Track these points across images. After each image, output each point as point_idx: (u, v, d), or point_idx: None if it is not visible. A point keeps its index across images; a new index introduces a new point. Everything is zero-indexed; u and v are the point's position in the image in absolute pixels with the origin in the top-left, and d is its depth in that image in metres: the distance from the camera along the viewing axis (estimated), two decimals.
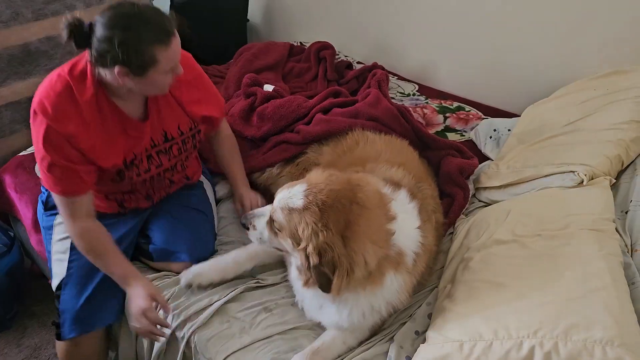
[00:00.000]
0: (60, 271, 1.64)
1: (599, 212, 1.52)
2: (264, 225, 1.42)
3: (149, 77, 1.39)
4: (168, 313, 1.57)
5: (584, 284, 1.27)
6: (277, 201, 1.35)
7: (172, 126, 1.65)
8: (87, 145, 1.45)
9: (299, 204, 1.29)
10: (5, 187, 2.18)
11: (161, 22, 1.36)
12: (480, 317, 1.29)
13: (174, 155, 1.69)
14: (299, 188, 1.32)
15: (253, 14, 3.57)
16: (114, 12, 1.33)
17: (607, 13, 2.16)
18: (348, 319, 1.40)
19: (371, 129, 1.92)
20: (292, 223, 1.30)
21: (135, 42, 1.32)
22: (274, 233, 1.39)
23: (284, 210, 1.32)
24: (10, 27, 2.30)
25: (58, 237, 1.69)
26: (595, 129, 1.87)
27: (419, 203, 1.50)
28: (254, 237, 1.47)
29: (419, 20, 2.79)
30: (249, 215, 1.48)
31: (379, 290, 1.36)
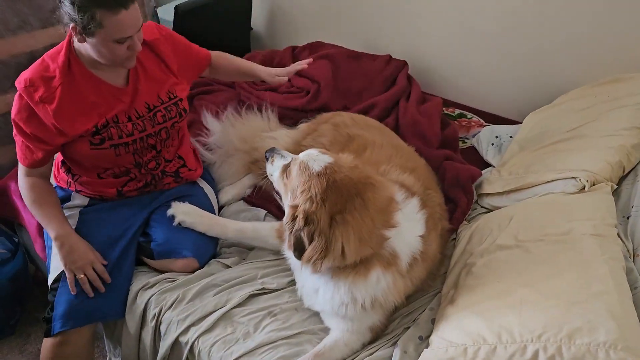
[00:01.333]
0: (59, 265, 1.65)
1: (601, 217, 1.53)
2: (280, 166, 1.52)
3: (100, 40, 1.49)
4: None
5: (586, 288, 1.28)
6: (303, 155, 1.45)
7: (152, 96, 1.73)
8: (55, 108, 1.56)
9: (316, 168, 1.37)
10: (11, 194, 2.20)
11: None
12: (484, 321, 1.30)
13: (158, 122, 1.74)
14: (325, 157, 1.40)
15: (256, 22, 3.60)
16: None
17: (607, 21, 2.18)
18: (330, 302, 1.45)
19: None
20: (299, 179, 1.39)
21: (82, 5, 1.43)
22: (282, 179, 1.49)
23: (302, 165, 1.40)
24: (17, 35, 2.32)
25: None
26: (597, 135, 1.88)
27: (427, 212, 1.55)
28: (268, 169, 1.58)
29: (420, 27, 2.81)
30: (275, 149, 1.58)
31: (361, 282, 1.40)
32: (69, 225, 1.69)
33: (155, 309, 1.63)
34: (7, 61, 2.33)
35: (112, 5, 1.44)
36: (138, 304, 1.67)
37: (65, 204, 1.80)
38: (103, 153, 1.66)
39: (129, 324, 1.68)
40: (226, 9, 3.22)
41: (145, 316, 1.65)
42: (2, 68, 2.33)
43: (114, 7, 1.44)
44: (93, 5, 1.43)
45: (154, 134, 1.74)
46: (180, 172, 1.89)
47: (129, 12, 1.48)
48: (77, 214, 1.77)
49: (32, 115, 1.57)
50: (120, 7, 1.45)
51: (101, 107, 1.63)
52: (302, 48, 2.92)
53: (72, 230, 1.68)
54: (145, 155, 1.76)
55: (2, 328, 2.24)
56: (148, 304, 1.65)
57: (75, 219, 1.75)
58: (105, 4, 1.43)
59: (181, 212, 1.77)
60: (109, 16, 1.44)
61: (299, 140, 1.99)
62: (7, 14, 2.26)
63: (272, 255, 1.79)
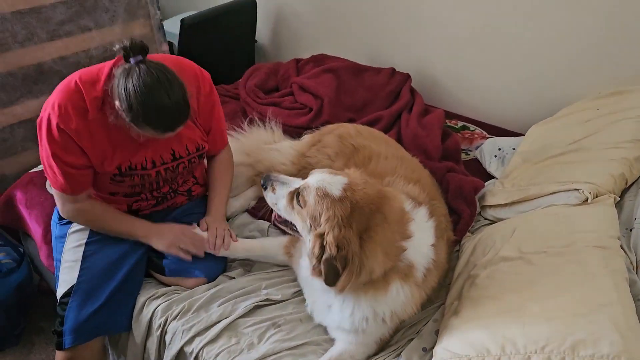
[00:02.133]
0: (70, 279, 1.66)
1: (604, 229, 1.54)
2: (285, 194, 1.46)
3: (134, 130, 1.48)
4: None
5: (590, 300, 1.29)
6: (316, 180, 1.38)
7: (181, 146, 1.71)
8: (87, 145, 1.54)
9: (337, 193, 1.34)
10: (17, 203, 2.22)
11: (171, 116, 1.44)
12: (488, 332, 1.30)
13: (179, 172, 1.75)
14: (340, 179, 1.37)
15: (261, 34, 3.64)
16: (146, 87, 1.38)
17: (609, 33, 2.20)
18: (350, 319, 1.43)
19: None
20: (320, 207, 1.34)
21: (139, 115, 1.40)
22: (291, 206, 1.43)
23: (319, 191, 1.35)
24: (25, 47, 2.36)
25: (71, 245, 1.71)
26: (599, 147, 1.89)
27: (435, 221, 1.55)
28: (269, 199, 1.52)
29: (424, 40, 2.84)
30: (272, 176, 1.52)
31: (382, 296, 1.40)
32: (142, 220, 1.74)
33: (161, 319, 1.63)
34: (15, 73, 2.37)
35: (162, 129, 1.45)
36: (144, 314, 1.67)
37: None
38: (120, 185, 1.68)
39: (135, 334, 1.68)
40: (231, 22, 3.26)
41: (151, 326, 1.66)
42: (10, 79, 2.37)
43: (164, 131, 1.46)
44: (144, 122, 1.42)
45: (171, 180, 1.77)
46: (192, 190, 1.90)
47: (174, 132, 1.49)
48: (87, 229, 1.75)
49: (69, 140, 1.52)
50: (168, 132, 1.47)
51: (127, 150, 1.61)
52: (306, 61, 2.95)
53: (148, 223, 1.74)
54: (162, 186, 1.78)
55: (7, 338, 2.24)
56: (154, 313, 1.66)
57: (85, 232, 1.73)
58: (156, 127, 1.44)
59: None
60: (154, 133, 1.46)
61: (304, 151, 2.00)
62: (16, 26, 2.30)
63: (276, 267, 1.80)
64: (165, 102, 1.39)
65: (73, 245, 1.71)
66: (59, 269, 1.73)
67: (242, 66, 3.17)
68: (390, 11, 2.90)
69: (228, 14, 3.21)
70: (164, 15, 3.57)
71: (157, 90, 1.39)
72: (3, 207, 2.25)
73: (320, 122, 2.40)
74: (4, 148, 2.47)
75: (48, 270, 2.13)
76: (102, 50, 2.60)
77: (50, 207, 2.08)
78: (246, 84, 2.80)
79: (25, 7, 2.31)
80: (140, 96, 1.38)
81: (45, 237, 2.02)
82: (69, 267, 1.68)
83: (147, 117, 1.41)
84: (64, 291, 1.66)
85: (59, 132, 1.49)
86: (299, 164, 1.97)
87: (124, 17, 2.61)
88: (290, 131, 2.41)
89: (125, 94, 1.39)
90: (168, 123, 1.45)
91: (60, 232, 1.76)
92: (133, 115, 1.41)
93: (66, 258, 1.71)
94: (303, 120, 2.46)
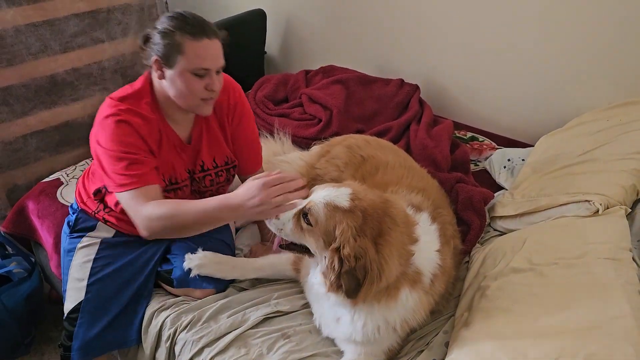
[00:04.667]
0: (77, 295, 1.66)
1: (616, 241, 1.53)
2: (290, 217, 1.40)
3: (178, 70, 1.51)
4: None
5: (602, 312, 1.27)
6: (321, 197, 1.36)
7: (209, 158, 1.73)
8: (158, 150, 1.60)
9: (345, 204, 1.32)
10: (29, 213, 2.24)
11: (199, 21, 1.53)
12: (499, 345, 1.29)
13: (205, 185, 1.76)
14: (345, 190, 1.36)
15: (270, 46, 3.67)
16: (168, 15, 1.55)
17: (620, 44, 2.19)
18: (362, 331, 1.41)
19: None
20: (332, 221, 1.32)
21: (170, 30, 1.49)
22: (299, 228, 1.38)
23: (329, 206, 1.33)
24: (38, 58, 2.40)
25: (79, 260, 1.71)
26: (609, 159, 1.88)
27: (439, 226, 1.55)
28: (273, 227, 1.43)
29: (433, 51, 2.85)
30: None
31: (393, 304, 1.39)
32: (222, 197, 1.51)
33: (170, 330, 1.63)
34: (28, 84, 2.41)
35: (196, 32, 1.50)
36: (153, 325, 1.68)
37: (88, 233, 1.77)
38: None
39: (145, 345, 1.68)
40: (241, 33, 3.28)
41: (161, 337, 1.66)
42: (23, 91, 2.40)
43: (197, 33, 1.50)
44: (177, 29, 1.49)
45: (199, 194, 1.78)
46: None
47: (211, 42, 1.53)
48: (98, 244, 1.74)
49: (138, 138, 1.54)
50: (203, 35, 1.51)
51: (168, 159, 1.64)
52: (315, 72, 2.97)
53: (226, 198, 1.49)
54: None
55: (17, 347, 2.25)
56: (163, 324, 1.66)
57: (94, 248, 1.73)
58: (189, 30, 1.49)
59: (196, 266, 1.67)
60: (190, 41, 1.49)
61: (313, 163, 2.01)
62: (29, 38, 2.34)
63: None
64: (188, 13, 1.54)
65: (81, 260, 1.71)
66: (66, 282, 1.73)
67: (251, 77, 3.19)
68: (400, 22, 2.92)
69: (237, 26, 3.24)
70: None
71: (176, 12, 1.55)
72: (15, 216, 2.27)
73: (329, 133, 2.41)
74: (17, 158, 2.50)
75: (59, 280, 2.15)
76: (114, 61, 2.64)
77: (61, 217, 2.10)
78: (256, 95, 2.82)
79: (39, 20, 2.35)
80: (168, 17, 1.52)
81: (55, 246, 2.04)
82: (77, 282, 1.68)
83: (178, 23, 1.49)
84: (72, 307, 1.66)
85: (123, 128, 1.53)
86: (308, 175, 1.98)
87: (136, 29, 2.64)
88: (300, 142, 2.42)
89: (157, 30, 1.51)
90: (200, 23, 1.52)
91: (70, 246, 1.76)
92: (167, 35, 1.49)
93: (74, 274, 1.70)
94: (312, 131, 2.47)
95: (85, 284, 1.66)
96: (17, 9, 2.26)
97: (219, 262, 1.71)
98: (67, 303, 1.69)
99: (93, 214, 1.78)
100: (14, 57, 2.32)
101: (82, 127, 2.66)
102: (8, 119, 2.40)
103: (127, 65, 2.68)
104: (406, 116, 2.59)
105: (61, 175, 2.39)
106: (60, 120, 2.58)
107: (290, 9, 3.50)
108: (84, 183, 1.83)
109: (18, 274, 2.23)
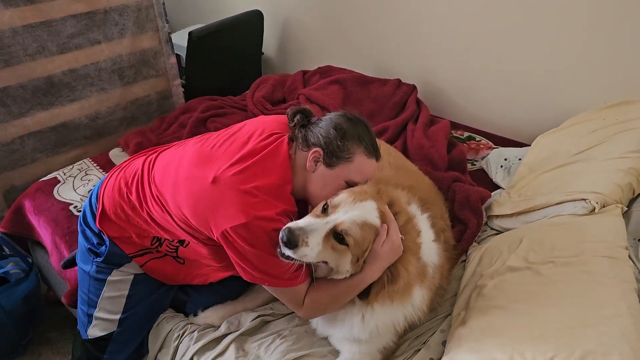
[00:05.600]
0: (107, 326, 1.64)
1: (612, 239, 1.53)
2: (320, 241, 1.29)
3: (335, 173, 1.42)
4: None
5: (599, 310, 1.28)
6: (354, 216, 1.31)
7: None
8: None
9: (377, 222, 1.34)
10: (25, 212, 2.24)
11: (375, 141, 1.48)
12: (496, 343, 1.30)
13: None
14: (370, 204, 1.35)
15: (267, 46, 3.68)
16: (348, 115, 1.47)
17: (616, 44, 2.20)
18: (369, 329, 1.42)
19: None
20: (367, 240, 1.32)
21: (348, 133, 1.41)
22: (330, 249, 1.31)
23: (364, 226, 1.31)
24: (35, 59, 2.39)
25: (111, 294, 1.64)
26: (606, 157, 1.89)
27: (430, 216, 1.57)
28: (298, 255, 1.29)
29: (430, 52, 2.86)
30: (298, 230, 1.28)
31: (407, 301, 1.41)
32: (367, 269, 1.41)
33: (179, 331, 1.67)
34: (25, 85, 2.40)
35: (371, 151, 1.45)
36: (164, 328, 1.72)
37: (118, 268, 1.62)
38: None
39: (150, 346, 1.70)
40: (238, 34, 3.29)
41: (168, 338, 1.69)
42: (20, 92, 2.40)
43: (371, 152, 1.45)
44: (354, 138, 1.41)
45: None
46: None
47: (376, 164, 1.49)
48: (131, 280, 1.64)
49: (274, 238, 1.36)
50: (373, 157, 1.46)
51: None
52: (312, 72, 2.97)
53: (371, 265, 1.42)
54: None
55: (15, 348, 2.24)
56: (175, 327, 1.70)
57: (127, 283, 1.64)
58: (367, 145, 1.43)
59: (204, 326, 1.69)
60: (362, 157, 1.43)
61: None
62: (27, 39, 2.34)
63: None
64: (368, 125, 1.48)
65: (113, 294, 1.63)
66: (93, 308, 1.65)
67: (249, 78, 3.20)
68: (396, 23, 2.92)
69: (235, 27, 3.25)
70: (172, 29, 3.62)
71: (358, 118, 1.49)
72: (12, 216, 2.27)
73: None
74: (14, 159, 2.50)
75: (57, 280, 2.15)
76: (112, 62, 2.64)
77: (57, 212, 2.11)
78: (253, 95, 2.82)
79: (36, 21, 2.34)
80: (347, 117, 1.45)
81: (54, 241, 2.04)
82: (108, 314, 1.64)
83: (357, 131, 1.42)
84: (102, 335, 1.64)
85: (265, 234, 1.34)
86: None
87: (133, 30, 2.64)
88: None
89: (329, 128, 1.42)
90: (374, 141, 1.46)
91: (98, 275, 1.63)
92: (342, 137, 1.40)
93: (104, 305, 1.64)
94: None
95: (119, 318, 1.64)
96: (14, 10, 2.26)
97: (223, 317, 1.70)
98: (94, 330, 1.65)
99: (132, 255, 1.60)
100: (11, 58, 2.32)
101: (79, 128, 2.66)
102: (5, 119, 2.39)
103: (125, 66, 2.68)
104: (403, 116, 2.59)
105: (58, 174, 2.39)
106: (57, 121, 2.57)
107: (287, 10, 3.51)
108: (128, 218, 1.56)
109: (15, 275, 2.22)
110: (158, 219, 1.52)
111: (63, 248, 2.01)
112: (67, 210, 2.13)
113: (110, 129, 2.79)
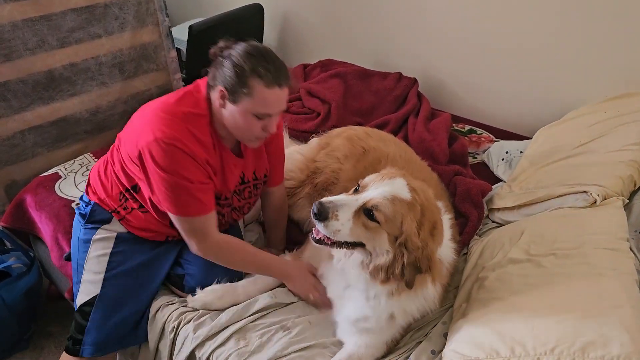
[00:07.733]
0: (93, 288, 1.65)
1: (613, 231, 1.54)
2: (350, 217, 1.31)
3: (241, 109, 1.48)
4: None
5: (599, 301, 1.29)
6: (384, 192, 1.31)
7: (250, 170, 1.72)
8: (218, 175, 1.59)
9: (408, 197, 1.31)
10: (27, 207, 2.24)
11: (275, 67, 1.47)
12: (497, 334, 1.30)
13: (244, 197, 1.75)
14: (400, 182, 1.34)
15: (268, 40, 3.67)
16: (251, 45, 1.49)
17: (617, 37, 2.20)
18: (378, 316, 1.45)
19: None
20: (399, 216, 1.29)
21: (246, 68, 1.44)
22: (361, 226, 1.32)
23: (395, 201, 1.29)
24: (36, 54, 2.39)
25: (96, 253, 1.68)
26: (607, 150, 1.89)
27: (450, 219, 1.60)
28: (330, 230, 1.32)
29: (431, 45, 2.85)
30: (328, 202, 1.32)
31: (425, 292, 1.43)
32: (276, 259, 1.72)
33: (174, 322, 1.65)
34: (25, 79, 2.40)
35: (269, 80, 1.45)
36: (159, 318, 1.69)
37: (103, 226, 1.71)
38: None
39: (149, 336, 1.69)
40: (238, 28, 3.28)
41: (165, 329, 1.67)
42: (21, 86, 2.39)
43: (270, 82, 1.46)
44: (252, 73, 1.44)
45: (238, 209, 1.77)
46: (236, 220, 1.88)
47: (281, 92, 1.50)
48: (114, 238, 1.70)
49: (193, 163, 1.50)
50: (275, 85, 1.47)
51: (227, 177, 1.64)
52: (313, 66, 2.97)
53: (283, 264, 1.71)
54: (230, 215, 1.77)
55: (17, 342, 2.25)
56: (169, 317, 1.67)
57: (111, 242, 1.70)
58: (262, 75, 1.44)
59: (201, 306, 1.67)
60: (261, 88, 1.45)
61: (312, 156, 2.00)
62: (27, 33, 2.33)
63: None
64: (270, 53, 1.49)
65: (98, 253, 1.68)
66: (80, 273, 1.69)
67: None
68: (397, 16, 2.92)
69: (235, 21, 3.24)
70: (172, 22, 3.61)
71: (260, 46, 1.51)
72: (14, 210, 2.27)
73: (328, 127, 2.41)
74: (15, 154, 2.49)
75: (58, 274, 2.15)
76: (112, 56, 2.63)
77: (59, 208, 2.11)
78: None
79: (36, 15, 2.33)
80: (247, 52, 1.46)
81: (55, 238, 2.04)
82: (93, 275, 1.66)
83: (254, 65, 1.44)
84: (86, 299, 1.65)
85: (180, 155, 1.47)
86: (308, 169, 1.98)
87: (133, 24, 2.63)
88: (298, 135, 2.43)
89: (231, 61, 1.45)
90: (276, 69, 1.47)
91: (84, 237, 1.71)
92: (240, 74, 1.44)
93: (90, 266, 1.68)
94: (311, 124, 2.47)
95: (102, 278, 1.65)
96: (14, 4, 2.25)
97: (221, 297, 1.68)
98: (81, 295, 1.67)
99: (111, 211, 1.71)
100: (11, 53, 2.31)
101: (80, 122, 2.65)
102: (5, 114, 2.39)
103: (125, 60, 2.67)
104: (404, 110, 2.59)
105: (59, 169, 2.39)
106: (57, 116, 2.57)
107: (287, 3, 3.50)
108: (101, 182, 1.72)
109: (17, 269, 2.23)
110: (117, 168, 1.66)
111: (64, 245, 2.01)
112: (69, 207, 2.12)
113: (110, 123, 2.78)
